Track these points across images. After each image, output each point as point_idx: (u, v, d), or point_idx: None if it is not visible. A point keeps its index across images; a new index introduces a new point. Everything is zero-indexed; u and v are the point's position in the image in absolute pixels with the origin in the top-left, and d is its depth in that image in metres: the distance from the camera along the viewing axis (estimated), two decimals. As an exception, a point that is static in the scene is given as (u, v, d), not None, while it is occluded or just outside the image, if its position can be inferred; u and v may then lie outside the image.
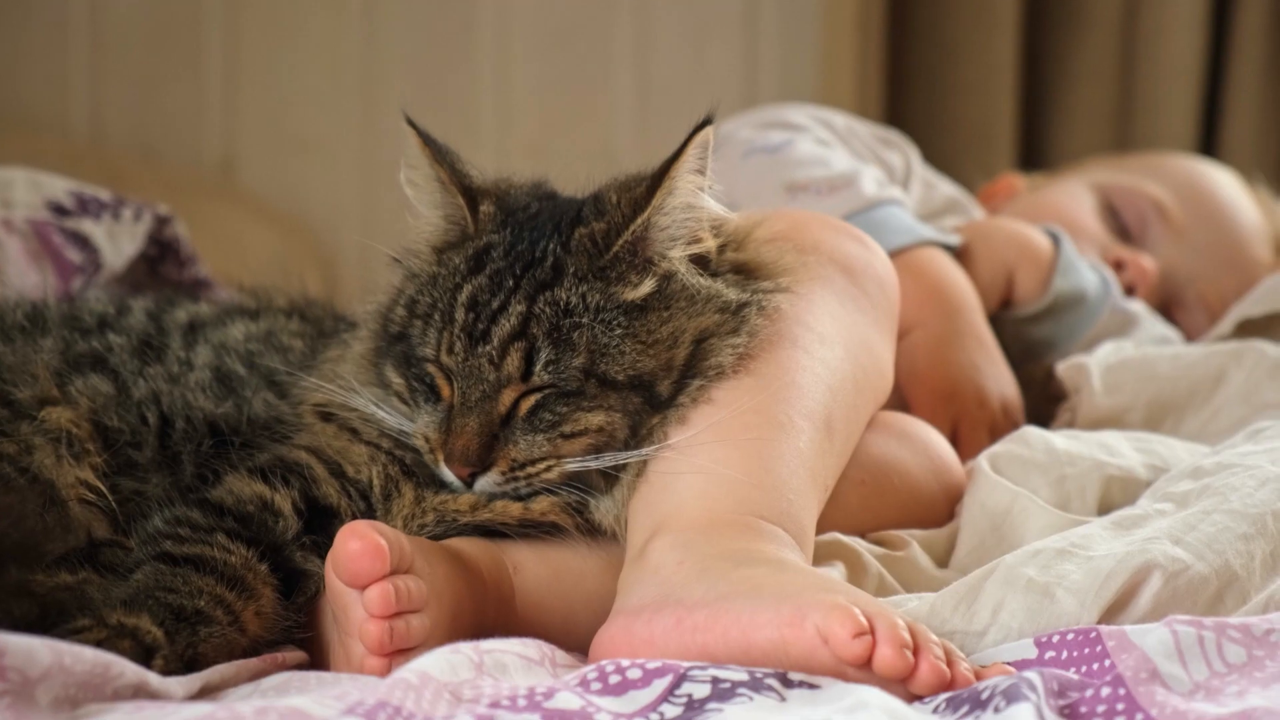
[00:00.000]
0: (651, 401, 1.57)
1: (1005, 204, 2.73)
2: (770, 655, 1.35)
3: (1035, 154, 3.74)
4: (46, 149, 3.21)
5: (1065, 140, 3.72)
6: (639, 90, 3.52)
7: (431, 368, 1.59)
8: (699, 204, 1.59)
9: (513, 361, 1.55)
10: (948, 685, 1.32)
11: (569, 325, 1.55)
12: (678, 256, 1.60)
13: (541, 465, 1.56)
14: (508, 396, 1.56)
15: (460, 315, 1.57)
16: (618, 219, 1.59)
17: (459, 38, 3.59)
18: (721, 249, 1.65)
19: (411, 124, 1.63)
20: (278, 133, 3.55)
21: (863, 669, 1.32)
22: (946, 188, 2.63)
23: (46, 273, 2.25)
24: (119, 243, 2.33)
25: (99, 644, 1.36)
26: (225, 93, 3.52)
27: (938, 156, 3.27)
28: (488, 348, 1.55)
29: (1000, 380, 2.21)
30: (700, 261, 1.62)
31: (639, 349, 1.56)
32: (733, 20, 3.68)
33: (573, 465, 1.56)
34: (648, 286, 1.58)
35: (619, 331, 1.56)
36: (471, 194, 1.64)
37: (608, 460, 1.56)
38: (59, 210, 2.35)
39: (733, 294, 1.61)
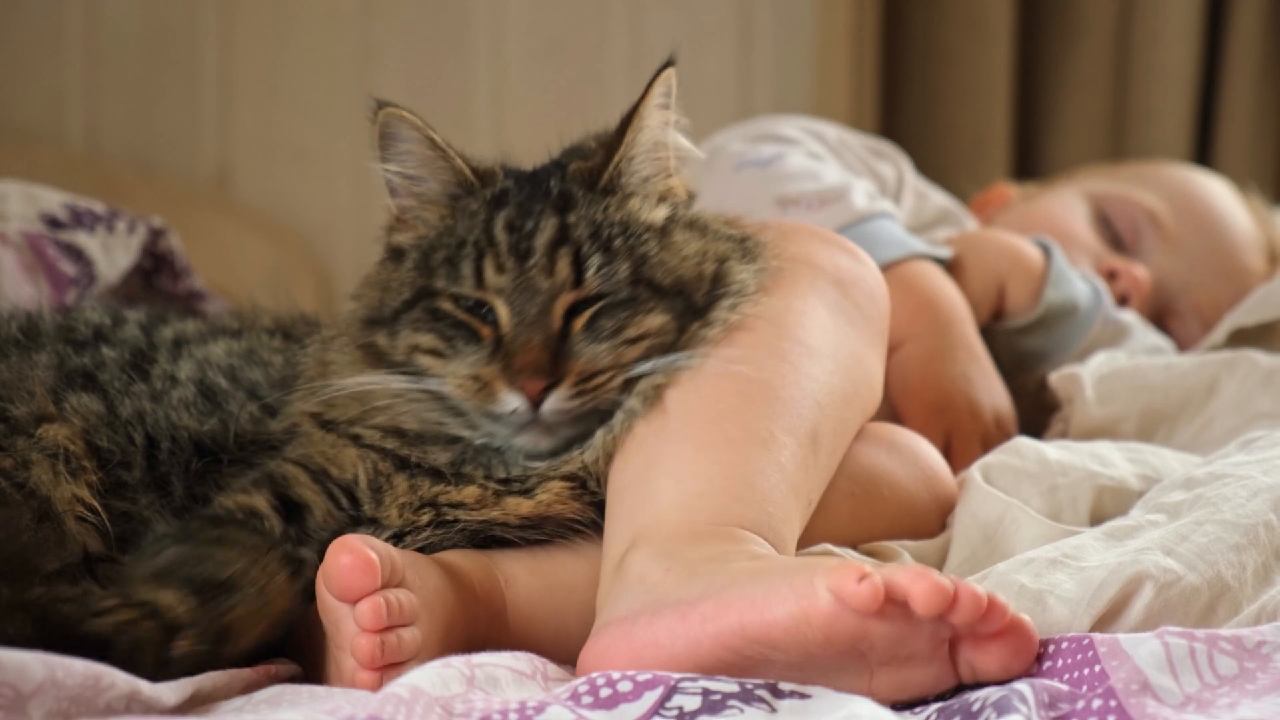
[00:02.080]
0: (691, 309, 1.61)
1: (998, 213, 2.73)
2: (792, 632, 1.32)
3: (1029, 161, 3.74)
4: (42, 160, 3.22)
5: (1059, 148, 3.72)
6: (634, 99, 3.51)
7: (463, 314, 1.59)
8: (667, 139, 1.67)
9: (563, 268, 1.58)
10: (984, 604, 1.31)
11: (607, 234, 1.60)
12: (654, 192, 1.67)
13: (605, 376, 1.57)
14: (560, 307, 1.57)
15: (502, 237, 1.60)
16: (599, 157, 1.65)
17: (454, 48, 3.60)
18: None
19: (389, 104, 1.64)
20: (273, 144, 3.55)
21: (882, 618, 1.31)
22: (939, 198, 2.63)
23: (41, 285, 2.25)
24: (113, 255, 2.33)
25: (125, 625, 1.38)
26: (220, 104, 3.53)
27: (932, 164, 3.28)
28: (536, 259, 1.58)
29: (992, 392, 2.21)
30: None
31: (675, 259, 1.62)
32: (727, 29, 3.68)
33: (632, 372, 1.58)
34: (663, 211, 1.65)
35: (653, 244, 1.61)
36: (465, 157, 1.68)
37: (661, 363, 1.58)
38: (53, 223, 2.35)
39: (736, 234, 1.68)
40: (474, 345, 1.59)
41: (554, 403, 1.56)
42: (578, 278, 1.58)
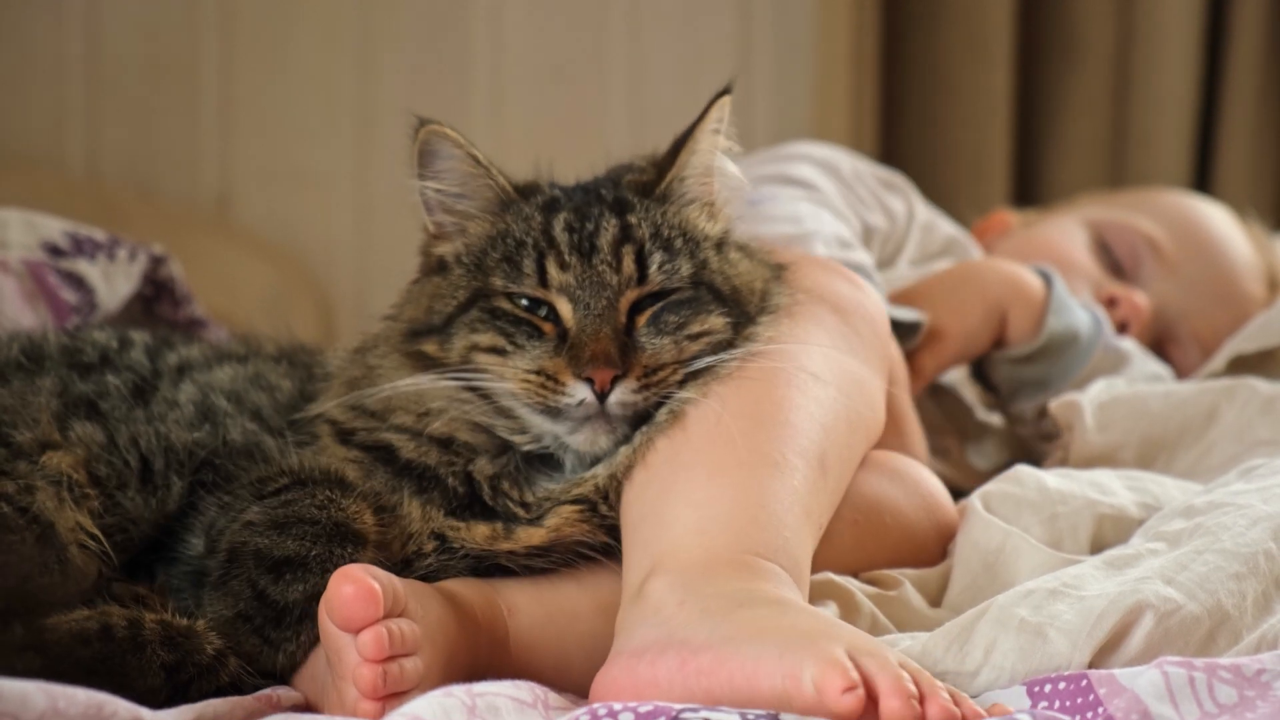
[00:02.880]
0: (745, 319, 1.66)
1: (998, 240, 2.73)
2: (774, 704, 1.35)
3: (1029, 186, 3.74)
4: (43, 184, 3.21)
5: (1059, 172, 3.72)
6: (633, 127, 3.52)
7: (522, 312, 1.61)
8: (716, 165, 1.71)
9: (628, 265, 1.62)
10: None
11: (667, 234, 1.65)
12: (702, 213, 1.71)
13: (667, 370, 1.60)
14: (625, 303, 1.61)
15: (561, 237, 1.63)
16: (652, 173, 1.70)
17: (454, 72, 3.60)
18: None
19: (431, 122, 1.66)
20: (273, 168, 3.55)
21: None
22: (946, 228, 2.62)
23: (42, 313, 2.25)
24: (114, 283, 2.33)
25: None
26: (221, 129, 3.53)
27: (932, 188, 3.28)
28: (602, 255, 1.61)
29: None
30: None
31: (732, 271, 1.67)
32: (726, 54, 3.68)
33: (691, 367, 1.61)
34: (719, 225, 1.70)
35: (711, 253, 1.67)
36: (506, 173, 1.71)
37: (718, 358, 1.62)
38: (54, 251, 2.35)
39: (772, 261, 1.74)
40: (536, 341, 1.61)
41: (620, 394, 1.58)
42: (641, 275, 1.62)
